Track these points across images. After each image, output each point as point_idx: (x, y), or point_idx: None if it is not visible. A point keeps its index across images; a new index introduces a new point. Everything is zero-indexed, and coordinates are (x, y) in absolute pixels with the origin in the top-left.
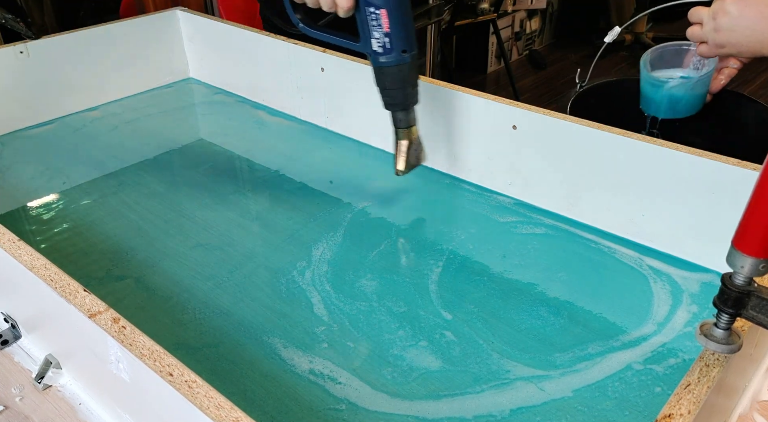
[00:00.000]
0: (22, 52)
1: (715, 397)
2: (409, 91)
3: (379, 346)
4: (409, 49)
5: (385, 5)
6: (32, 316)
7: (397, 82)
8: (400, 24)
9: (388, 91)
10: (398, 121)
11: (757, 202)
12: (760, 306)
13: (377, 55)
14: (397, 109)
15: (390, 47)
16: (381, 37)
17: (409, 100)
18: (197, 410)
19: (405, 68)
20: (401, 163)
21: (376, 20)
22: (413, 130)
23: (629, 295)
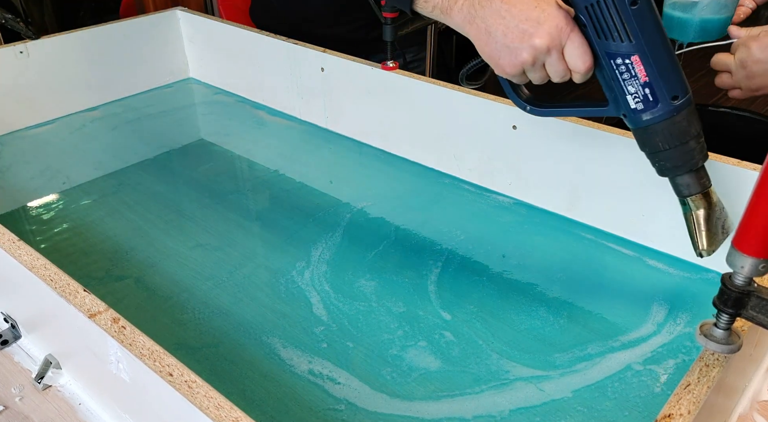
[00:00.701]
0: (22, 52)
1: (715, 397)
2: (693, 145)
3: (378, 346)
4: (682, 92)
5: (637, 50)
6: (32, 316)
7: (675, 139)
8: (661, 67)
9: (662, 154)
10: (685, 187)
11: (757, 202)
12: (760, 307)
13: (638, 113)
14: (681, 173)
15: (654, 100)
16: (639, 90)
17: (696, 156)
18: (197, 410)
19: (681, 119)
20: (703, 240)
21: (629, 71)
22: (711, 193)
23: (629, 295)
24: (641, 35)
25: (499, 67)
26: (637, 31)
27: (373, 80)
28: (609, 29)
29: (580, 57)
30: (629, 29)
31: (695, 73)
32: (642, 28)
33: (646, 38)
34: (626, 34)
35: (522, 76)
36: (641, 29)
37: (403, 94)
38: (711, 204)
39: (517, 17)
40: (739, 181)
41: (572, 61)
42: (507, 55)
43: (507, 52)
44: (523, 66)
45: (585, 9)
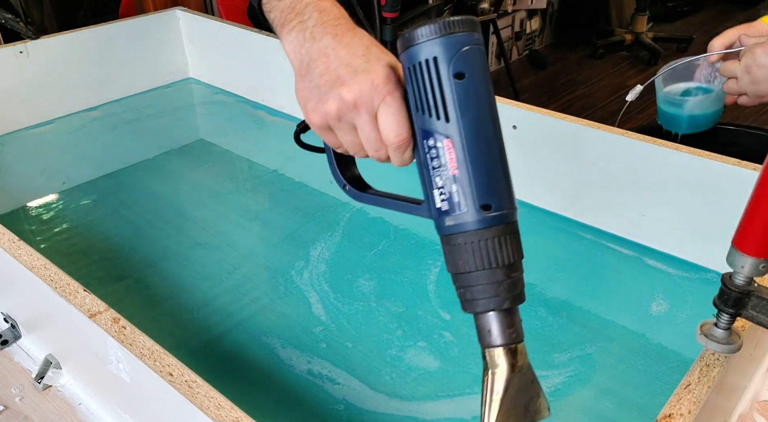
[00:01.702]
0: (21, 52)
1: (716, 397)
2: (501, 278)
3: (377, 346)
4: (497, 204)
5: (451, 133)
6: (32, 316)
7: (477, 261)
8: (477, 163)
9: (462, 277)
10: (486, 333)
11: (757, 202)
12: (760, 306)
13: (442, 215)
14: (481, 310)
15: (460, 201)
16: (447, 185)
17: (502, 293)
18: (197, 410)
19: (489, 237)
20: (493, 410)
21: (438, 158)
22: (518, 351)
23: (629, 295)
24: (461, 116)
25: (307, 113)
26: (457, 111)
27: None
28: (427, 100)
29: (393, 127)
30: (448, 105)
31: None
32: (464, 109)
33: (466, 122)
34: (444, 110)
35: (331, 134)
36: (462, 109)
37: None
38: (515, 366)
39: (340, 60)
40: (739, 181)
41: (385, 129)
42: (315, 99)
43: (316, 95)
44: (327, 118)
45: (407, 71)
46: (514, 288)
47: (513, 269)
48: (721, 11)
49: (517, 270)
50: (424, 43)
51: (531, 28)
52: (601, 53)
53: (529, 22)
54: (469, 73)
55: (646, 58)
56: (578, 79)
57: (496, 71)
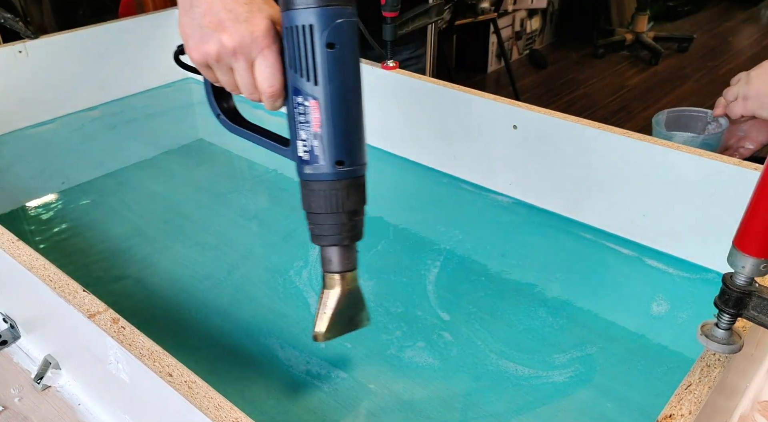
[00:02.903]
0: (21, 52)
1: (716, 397)
2: (344, 220)
3: (376, 347)
4: (349, 161)
5: (318, 95)
6: (31, 316)
7: (327, 205)
8: (337, 124)
9: (314, 216)
10: (327, 261)
11: (757, 202)
12: (761, 307)
13: (302, 163)
14: (326, 244)
15: (319, 155)
16: (309, 139)
17: (344, 233)
18: (197, 410)
19: (339, 187)
20: (323, 322)
21: (305, 114)
22: (350, 278)
23: (629, 295)
24: (328, 82)
25: (188, 48)
26: (326, 77)
27: (373, 80)
28: (300, 62)
29: (267, 78)
30: (318, 70)
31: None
32: (331, 75)
33: (332, 87)
34: (314, 74)
35: (209, 71)
36: (330, 76)
37: (403, 94)
38: (345, 290)
39: (223, 4)
40: (739, 181)
41: (260, 78)
42: (197, 37)
43: (198, 33)
44: (207, 58)
45: (285, 30)
46: (354, 230)
47: (355, 214)
48: (722, 11)
49: (359, 215)
50: (303, 10)
51: (531, 28)
52: (602, 53)
53: (529, 21)
54: (340, 44)
55: (646, 57)
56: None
57: (496, 71)
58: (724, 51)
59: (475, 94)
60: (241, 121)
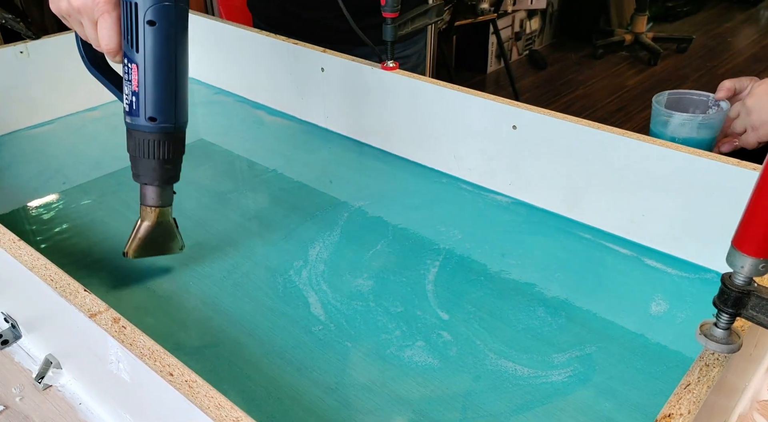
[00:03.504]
0: (22, 52)
1: (715, 397)
2: (155, 166)
3: (376, 346)
4: (161, 119)
5: (139, 61)
6: (32, 316)
7: (141, 151)
8: (153, 88)
9: (133, 158)
10: (143, 196)
11: (757, 202)
12: (760, 306)
13: (125, 113)
14: (141, 182)
15: (136, 109)
16: (130, 95)
17: (155, 176)
18: (197, 410)
19: (152, 138)
20: (132, 244)
21: (128, 74)
22: (162, 213)
23: (628, 295)
24: (148, 53)
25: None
26: (145, 48)
27: (373, 80)
28: (128, 31)
29: (104, 37)
30: (139, 41)
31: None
32: (151, 47)
33: (151, 58)
34: (135, 43)
35: (65, 21)
36: (150, 48)
37: (403, 94)
38: (156, 222)
39: None
40: (739, 181)
41: (100, 35)
42: None
43: None
44: (60, 11)
45: (122, 1)
46: (166, 175)
47: (167, 163)
48: (721, 11)
49: (170, 163)
50: None
51: (531, 29)
52: (601, 53)
53: (529, 22)
54: (160, 22)
55: (645, 58)
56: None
57: (495, 71)
58: (723, 51)
59: (474, 95)
60: (101, 65)
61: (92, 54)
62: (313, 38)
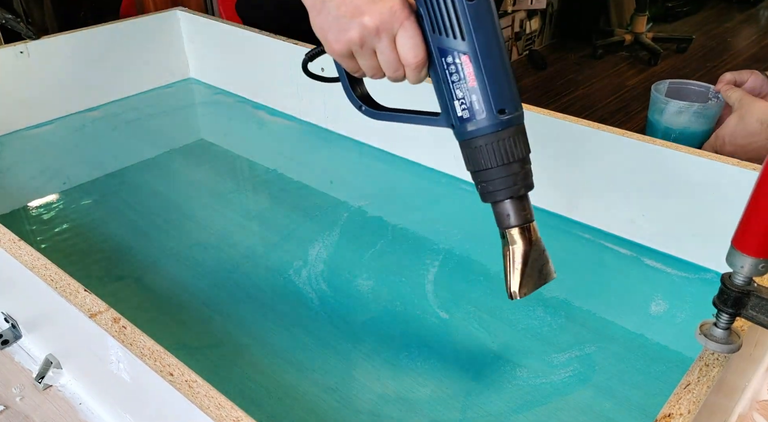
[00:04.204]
0: (22, 52)
1: (715, 397)
2: (517, 169)
3: (376, 346)
4: (511, 108)
5: (468, 49)
6: (32, 316)
7: (496, 158)
8: (491, 74)
9: (483, 173)
10: (505, 217)
11: (757, 202)
12: (760, 306)
13: (464, 122)
14: (501, 199)
15: (480, 108)
16: (466, 96)
17: (517, 182)
18: (197, 410)
19: (506, 137)
20: (516, 280)
21: (457, 73)
22: (532, 229)
23: (628, 295)
24: (474, 34)
25: (328, 43)
26: (471, 29)
27: (373, 80)
28: (443, 22)
29: (412, 48)
30: (463, 25)
31: None
32: (476, 27)
33: (479, 39)
34: (459, 30)
35: (352, 61)
36: (475, 27)
37: (403, 94)
38: (531, 241)
39: None
40: (739, 181)
41: (404, 51)
42: (336, 29)
43: (336, 26)
44: (350, 45)
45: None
46: (527, 178)
47: (525, 162)
48: (721, 12)
49: (528, 163)
50: None
51: (531, 29)
52: (601, 53)
53: (528, 22)
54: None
55: (645, 58)
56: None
57: None
58: (722, 52)
59: None
60: (380, 106)
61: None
62: (310, 40)
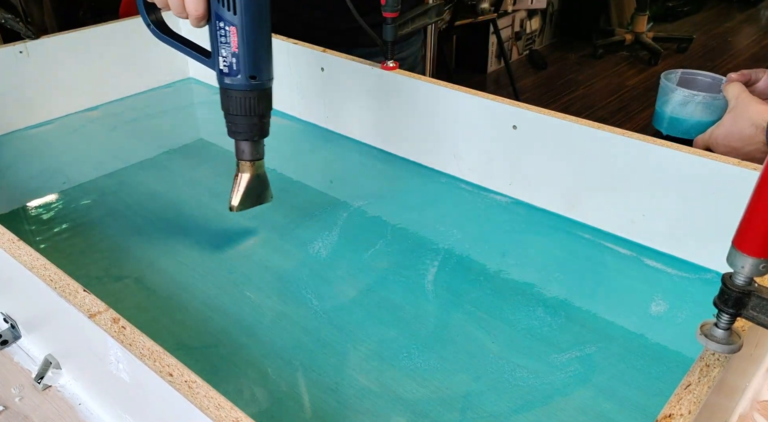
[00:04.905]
0: (21, 52)
1: (716, 397)
2: (255, 121)
3: (376, 346)
4: (260, 76)
5: (237, 23)
6: (32, 316)
7: (242, 109)
8: (251, 46)
9: (231, 117)
10: (240, 152)
11: (757, 202)
12: (761, 306)
13: (222, 75)
14: (240, 138)
15: (236, 69)
16: (228, 57)
17: (254, 131)
18: (197, 410)
19: (252, 96)
20: (236, 197)
21: (225, 37)
22: (258, 165)
23: (628, 295)
24: (244, 13)
25: None
26: (242, 9)
27: (373, 80)
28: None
29: (194, 2)
30: (237, 3)
31: None
32: (246, 8)
33: (247, 18)
34: (233, 5)
35: None
36: (246, 9)
37: (403, 94)
38: (255, 174)
39: None
40: (739, 181)
41: (188, 3)
42: None
43: None
44: None
45: None
46: (263, 129)
47: (263, 117)
48: (721, 11)
49: (266, 117)
50: None
51: (531, 28)
52: (601, 53)
53: (529, 22)
54: None
55: (646, 58)
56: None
57: (496, 71)
58: (723, 51)
59: (474, 94)
60: (169, 32)
61: (157, 19)
62: (310, 40)
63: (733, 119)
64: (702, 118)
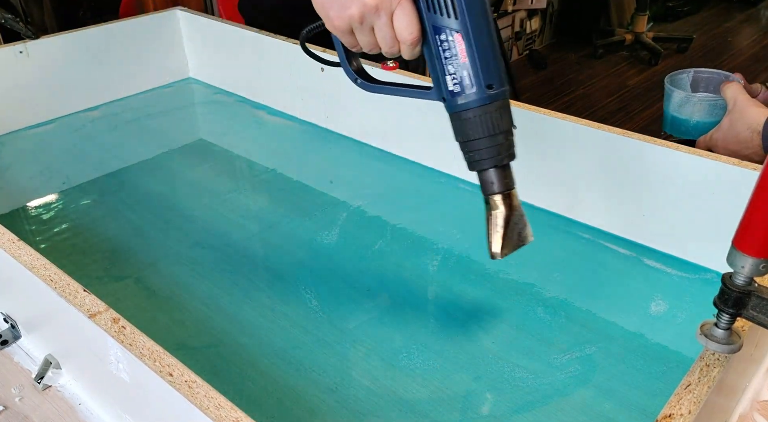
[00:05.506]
0: (21, 52)
1: (716, 397)
2: (501, 140)
3: (376, 346)
4: (497, 84)
5: (461, 27)
6: (32, 316)
7: (484, 129)
8: (481, 50)
9: (471, 143)
10: (489, 185)
11: (757, 202)
12: (761, 306)
13: (454, 96)
14: (487, 167)
15: (469, 83)
16: (458, 72)
17: (501, 151)
18: (197, 410)
19: (492, 110)
20: (497, 242)
21: (450, 50)
22: (513, 195)
23: (628, 295)
24: (467, 14)
25: (329, 19)
26: (463, 8)
27: None
28: (438, 1)
29: (408, 26)
30: (456, 4)
31: None
32: (468, 6)
33: (471, 19)
34: (453, 9)
35: (351, 36)
36: (467, 7)
37: None
38: (512, 206)
39: None
40: (739, 181)
41: (400, 28)
42: (338, 6)
43: (338, 3)
44: (350, 21)
45: None
46: (510, 149)
47: (509, 133)
48: (721, 11)
49: (511, 135)
50: None
51: (531, 28)
52: (601, 53)
53: (529, 22)
54: None
55: (646, 58)
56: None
57: None
58: (723, 51)
59: None
60: (374, 79)
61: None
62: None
63: (731, 122)
64: (701, 119)
